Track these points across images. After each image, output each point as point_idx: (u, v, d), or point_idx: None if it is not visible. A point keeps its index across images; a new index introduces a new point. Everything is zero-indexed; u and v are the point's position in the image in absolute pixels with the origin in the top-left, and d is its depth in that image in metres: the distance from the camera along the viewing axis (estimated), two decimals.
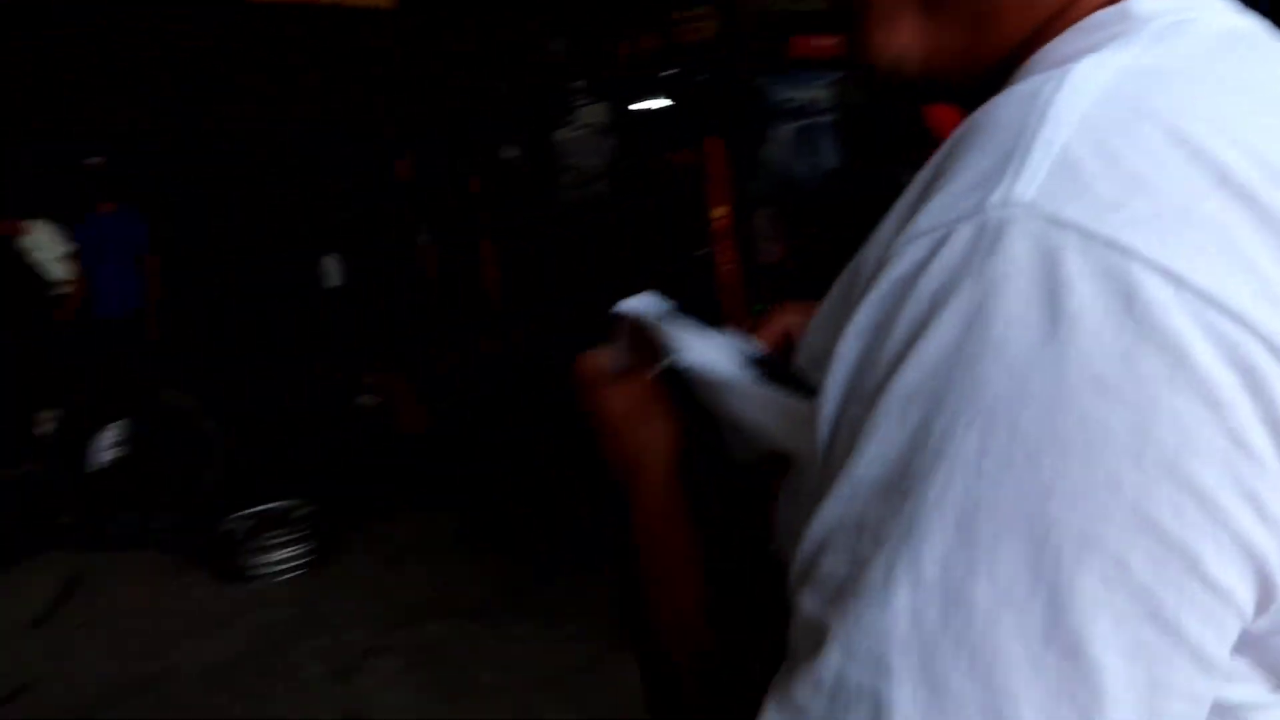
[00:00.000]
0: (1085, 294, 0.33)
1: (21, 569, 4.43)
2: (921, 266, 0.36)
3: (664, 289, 0.67)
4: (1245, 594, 0.34)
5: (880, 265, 0.39)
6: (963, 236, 0.35)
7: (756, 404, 0.53)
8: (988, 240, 0.35)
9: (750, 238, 5.35)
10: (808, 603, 0.38)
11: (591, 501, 4.14)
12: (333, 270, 7.63)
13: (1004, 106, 0.39)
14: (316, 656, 3.37)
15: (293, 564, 4.13)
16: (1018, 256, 0.34)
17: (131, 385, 4.85)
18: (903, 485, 0.35)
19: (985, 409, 0.33)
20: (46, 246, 6.79)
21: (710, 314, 0.67)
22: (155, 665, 3.40)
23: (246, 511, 4.41)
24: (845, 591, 0.36)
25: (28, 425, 6.13)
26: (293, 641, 3.49)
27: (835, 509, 0.37)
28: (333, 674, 3.24)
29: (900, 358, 0.36)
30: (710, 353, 0.58)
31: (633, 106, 6.27)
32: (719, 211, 4.84)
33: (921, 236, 0.37)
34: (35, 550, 4.65)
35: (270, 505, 4.45)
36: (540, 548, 4.06)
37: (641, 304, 0.65)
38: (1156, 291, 0.33)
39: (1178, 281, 0.33)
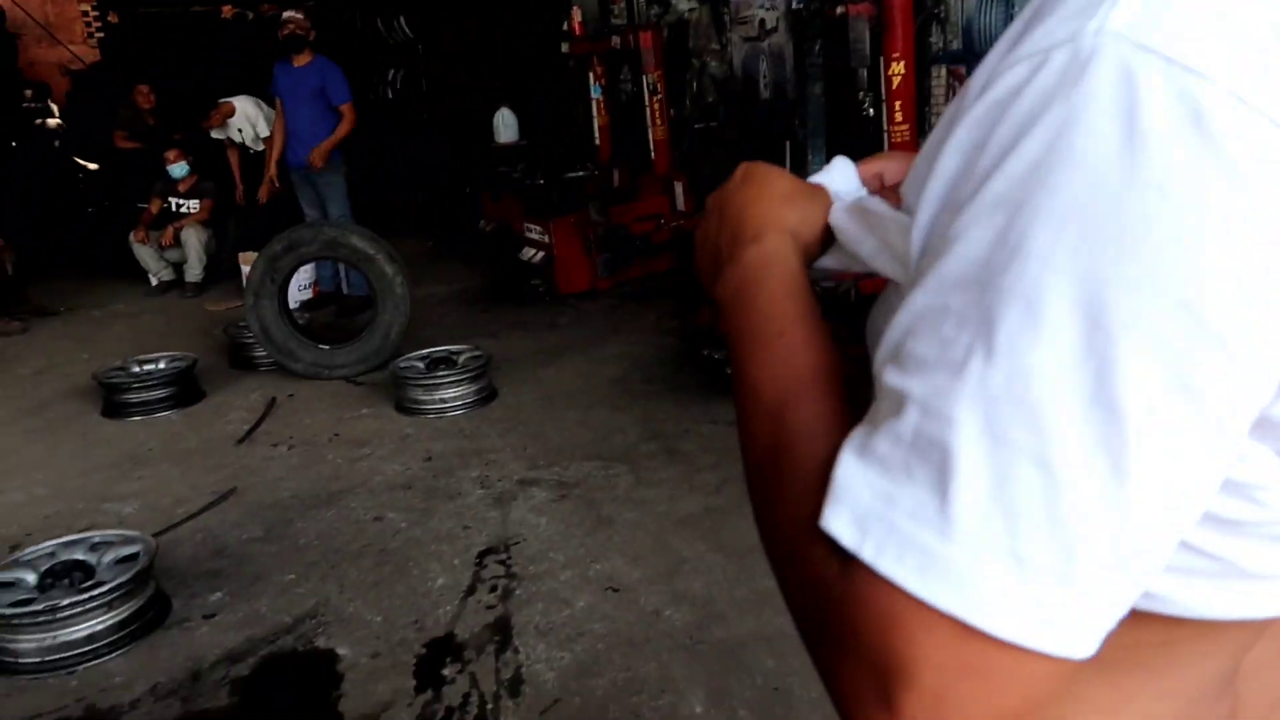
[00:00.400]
0: (1159, 112, 0.36)
1: (227, 392, 4.98)
2: (1019, 89, 0.40)
3: (831, 146, 0.71)
4: (1266, 383, 0.39)
5: (983, 89, 0.43)
6: (1057, 61, 0.39)
7: (886, 222, 0.57)
8: (1079, 64, 0.38)
9: (927, 98, 5.06)
10: (892, 377, 0.43)
11: None
12: (505, 125, 7.78)
13: None
14: (477, 484, 3.66)
15: (460, 402, 4.44)
16: (1104, 79, 0.37)
17: (322, 231, 5.20)
18: (983, 278, 0.40)
19: (1060, 210, 0.38)
20: (248, 122, 7.27)
21: None
22: (337, 482, 3.80)
23: (423, 352, 4.74)
24: (926, 365, 0.41)
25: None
26: (455, 470, 3.80)
27: (923, 299, 0.43)
28: (491, 499, 3.52)
29: (991, 171, 0.40)
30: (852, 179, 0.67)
31: None
32: (896, 68, 4.57)
33: (1020, 62, 0.41)
34: (237, 376, 5.22)
35: (444, 348, 4.76)
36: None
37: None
38: (1223, 113, 0.36)
39: (1244, 105, 0.36)
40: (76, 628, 2.65)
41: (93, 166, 9.33)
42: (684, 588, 2.84)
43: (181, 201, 7.40)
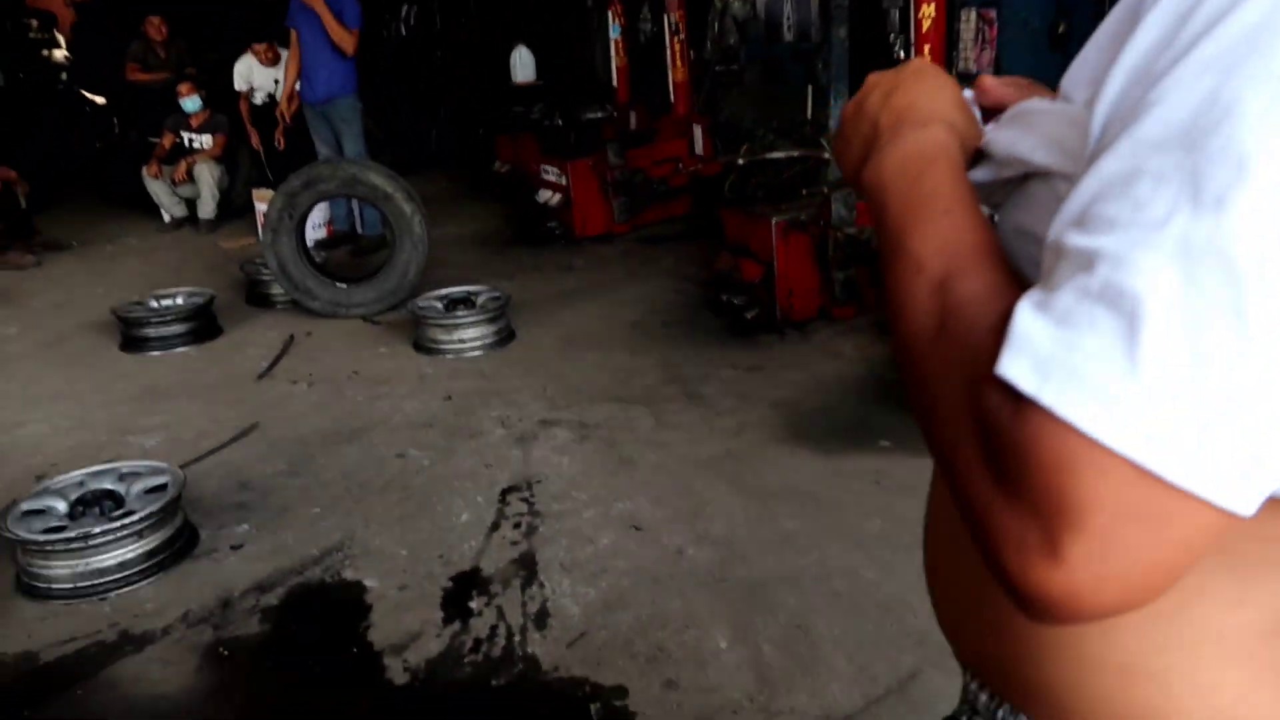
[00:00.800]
0: None
1: (244, 329, 4.98)
2: None
3: (854, 91, 0.70)
4: None
5: None
6: None
7: (1048, 117, 0.58)
8: None
9: (956, 41, 4.97)
10: (1077, 239, 0.43)
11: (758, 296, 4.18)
12: (522, 64, 7.67)
13: None
14: (498, 423, 3.68)
15: (478, 342, 4.44)
16: None
17: (340, 168, 5.16)
18: (1188, 139, 0.40)
19: (1276, 73, 0.38)
20: (244, 80, 7.14)
21: None
22: (358, 420, 3.82)
23: (441, 292, 4.74)
24: (1119, 224, 0.41)
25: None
26: (475, 409, 3.82)
27: (1113, 165, 0.43)
28: (512, 439, 3.54)
29: (1199, 37, 0.41)
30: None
31: None
32: (927, 10, 4.50)
33: None
34: (254, 314, 5.22)
35: (463, 288, 4.76)
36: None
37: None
38: None
39: None
40: (108, 555, 2.70)
41: (100, 100, 9.23)
42: (706, 528, 2.87)
43: (194, 136, 7.33)
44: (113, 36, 8.50)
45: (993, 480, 0.44)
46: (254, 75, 7.19)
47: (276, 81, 7.05)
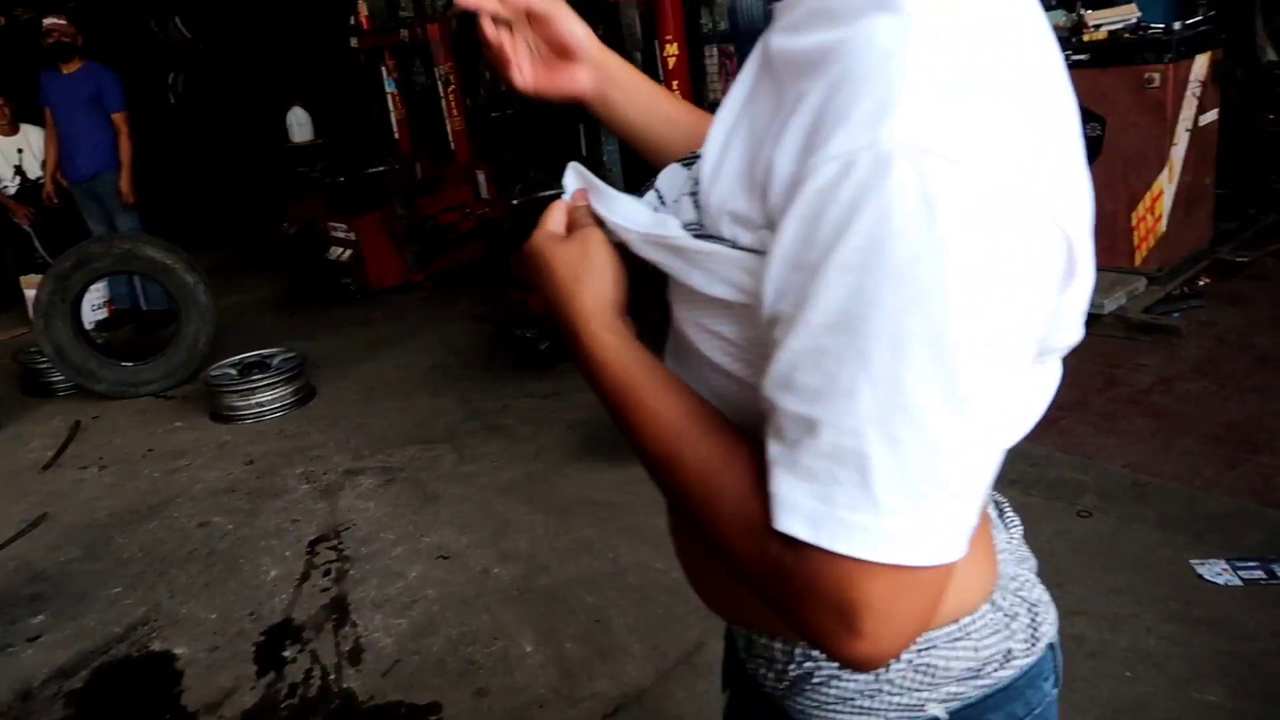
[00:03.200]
0: (945, 195, 0.52)
1: (24, 421, 4.77)
2: (837, 181, 0.53)
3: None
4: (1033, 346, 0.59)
5: (800, 177, 0.56)
6: (865, 161, 0.52)
7: (714, 258, 0.66)
8: (882, 164, 0.52)
9: (701, 77, 5.42)
10: (793, 404, 0.57)
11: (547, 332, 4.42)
12: (299, 123, 7.65)
13: (864, 59, 0.56)
14: (302, 480, 3.73)
15: (277, 404, 4.46)
16: (904, 175, 0.51)
17: (114, 245, 5.03)
18: (849, 324, 0.54)
19: (896, 271, 0.52)
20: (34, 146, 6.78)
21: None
22: (156, 496, 3.77)
23: (235, 358, 4.71)
24: (821, 394, 0.55)
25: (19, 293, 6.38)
26: (279, 469, 3.86)
27: (799, 342, 0.56)
28: (317, 493, 3.61)
29: (833, 242, 0.54)
30: (637, 210, 0.75)
31: None
32: (670, 50, 4.89)
33: (832, 160, 0.54)
34: (34, 404, 5.00)
35: (256, 353, 4.74)
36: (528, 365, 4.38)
37: (574, 178, 0.80)
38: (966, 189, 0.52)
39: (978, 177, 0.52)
40: None
41: None
42: (509, 546, 3.05)
43: None
44: None
45: (790, 594, 0.60)
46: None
47: (20, 151, 6.73)
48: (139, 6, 9.54)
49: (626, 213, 0.75)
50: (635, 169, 6.53)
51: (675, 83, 4.82)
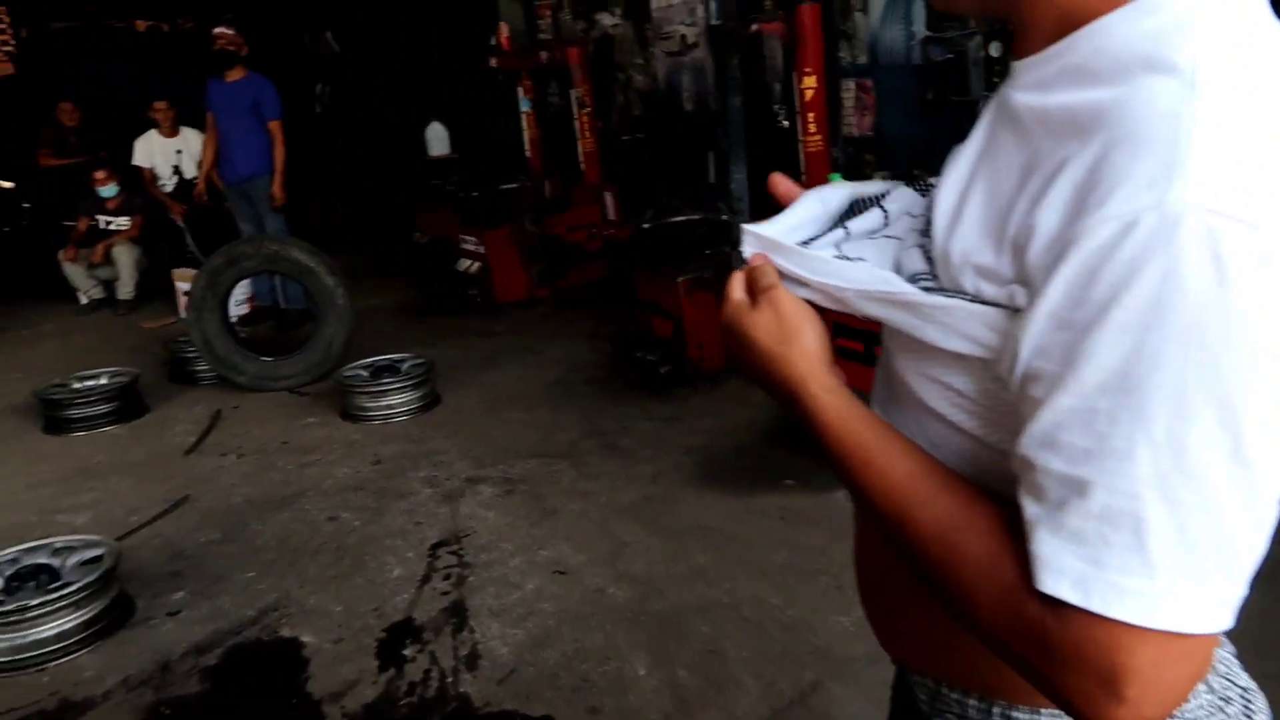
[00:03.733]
0: (1236, 257, 0.51)
1: (170, 406, 5.05)
2: (1116, 241, 0.53)
3: (751, 155, 0.82)
4: None
5: (1073, 236, 0.55)
6: (1149, 222, 0.52)
7: (950, 312, 0.66)
8: (1169, 225, 0.52)
9: (838, 109, 5.39)
10: (1057, 463, 0.57)
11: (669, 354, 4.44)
12: (437, 138, 7.92)
13: (1145, 121, 0.55)
14: (426, 484, 3.84)
15: (405, 408, 4.60)
16: (1193, 235, 0.51)
17: (263, 245, 5.30)
18: (1126, 385, 0.53)
19: (1182, 331, 0.52)
20: (147, 157, 7.25)
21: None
22: (289, 487, 3.94)
23: (367, 361, 4.90)
24: (1094, 454, 0.55)
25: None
26: (404, 471, 3.98)
27: (1066, 402, 0.56)
28: (440, 497, 3.71)
29: (1110, 301, 0.53)
30: (849, 268, 0.73)
31: None
32: (808, 82, 4.88)
33: (1111, 220, 0.54)
34: (179, 391, 5.29)
35: (387, 357, 4.92)
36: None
37: (752, 244, 0.78)
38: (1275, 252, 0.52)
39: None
40: (45, 627, 2.77)
41: (8, 185, 9.20)
42: (625, 568, 3.07)
43: (110, 219, 7.38)
44: (21, 120, 8.53)
45: (1049, 657, 0.59)
46: (155, 150, 7.28)
47: (179, 152, 7.17)
48: (293, 19, 10.08)
49: (841, 271, 0.74)
50: (763, 197, 6.54)
51: (812, 114, 4.80)
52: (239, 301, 6.45)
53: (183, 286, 6.25)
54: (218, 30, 6.18)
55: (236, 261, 5.14)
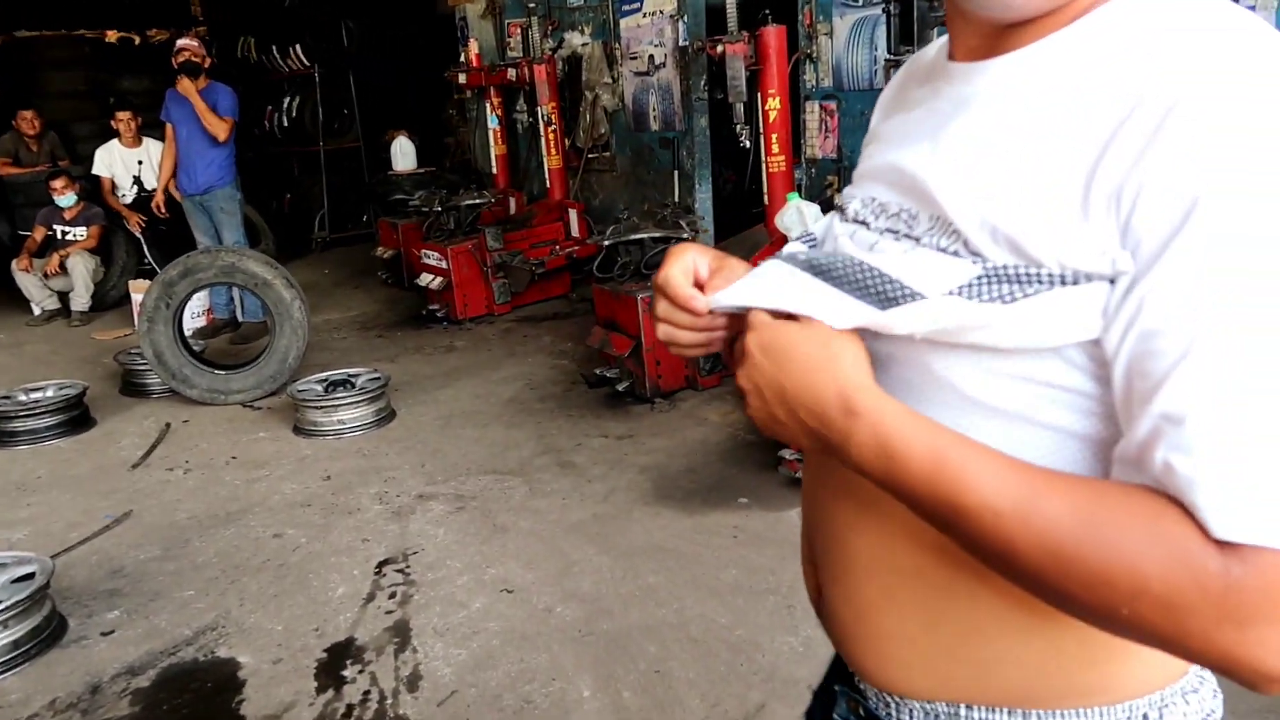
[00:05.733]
0: None
1: (119, 419, 4.95)
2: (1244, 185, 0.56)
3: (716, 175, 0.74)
4: None
5: (1190, 190, 0.56)
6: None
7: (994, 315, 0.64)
8: None
9: (802, 131, 5.42)
10: (1211, 412, 0.55)
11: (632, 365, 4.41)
12: (403, 153, 7.88)
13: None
14: (375, 500, 3.78)
15: (358, 423, 4.54)
16: None
17: (219, 256, 5.22)
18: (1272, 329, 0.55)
19: None
20: (106, 166, 7.18)
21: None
22: (236, 503, 3.86)
23: (321, 375, 4.82)
24: (1251, 395, 0.54)
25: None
26: (354, 487, 3.91)
27: (1216, 349, 0.55)
28: (389, 514, 3.64)
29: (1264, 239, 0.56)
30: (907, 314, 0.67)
31: None
32: (772, 103, 4.90)
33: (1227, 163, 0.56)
34: (129, 404, 5.19)
35: (342, 371, 4.85)
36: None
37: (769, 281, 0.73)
38: None
39: None
40: None
41: None
42: (573, 586, 3.02)
43: (68, 229, 7.26)
44: None
45: (1229, 609, 0.55)
46: (115, 160, 7.20)
47: (140, 163, 7.08)
48: (262, 34, 10.01)
49: (903, 317, 0.67)
50: (727, 219, 6.57)
51: (775, 135, 4.82)
52: (196, 314, 6.36)
53: (139, 298, 6.15)
54: (181, 42, 6.13)
55: (192, 272, 5.05)
